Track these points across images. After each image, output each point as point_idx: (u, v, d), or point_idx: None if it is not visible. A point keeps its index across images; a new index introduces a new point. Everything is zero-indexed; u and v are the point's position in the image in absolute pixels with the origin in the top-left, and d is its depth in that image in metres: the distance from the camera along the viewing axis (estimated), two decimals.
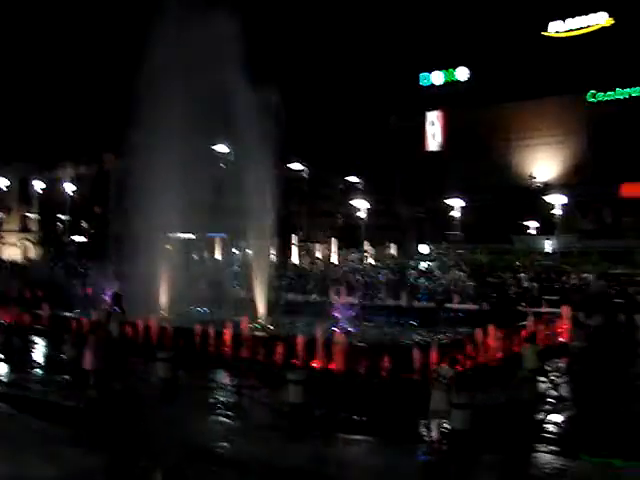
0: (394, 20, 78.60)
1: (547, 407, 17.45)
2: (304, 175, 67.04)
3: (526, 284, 39.01)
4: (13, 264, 59.62)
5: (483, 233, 63.31)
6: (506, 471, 13.22)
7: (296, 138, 57.98)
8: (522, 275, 41.14)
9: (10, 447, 13.53)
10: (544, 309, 29.80)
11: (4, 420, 16.41)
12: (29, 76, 76.61)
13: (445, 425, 14.33)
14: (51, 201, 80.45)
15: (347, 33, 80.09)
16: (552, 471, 13.16)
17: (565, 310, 27.21)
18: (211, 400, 18.18)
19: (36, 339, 27.65)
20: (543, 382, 19.31)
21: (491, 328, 22.20)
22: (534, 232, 66.58)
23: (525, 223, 67.13)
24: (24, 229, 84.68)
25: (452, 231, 68.30)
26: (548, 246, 60.53)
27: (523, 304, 33.46)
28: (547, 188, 65.86)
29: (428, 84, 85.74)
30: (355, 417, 16.38)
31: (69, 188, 75.11)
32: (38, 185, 79.36)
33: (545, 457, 13.93)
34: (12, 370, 22.50)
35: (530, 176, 73.78)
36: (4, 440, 14.09)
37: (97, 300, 32.22)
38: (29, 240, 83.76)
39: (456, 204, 67.48)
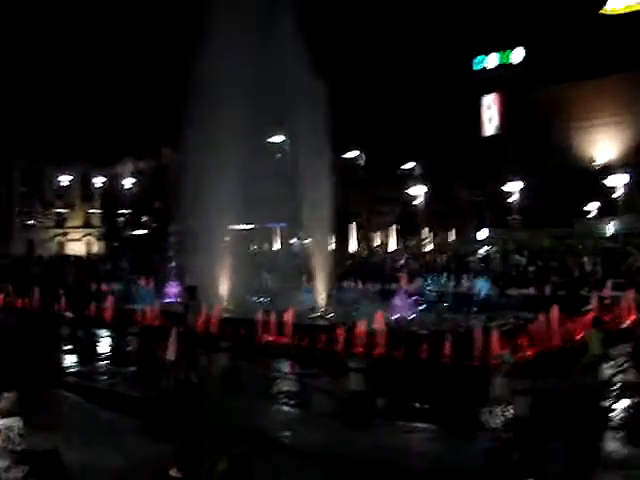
0: (449, 4, 77.62)
1: (613, 394, 17.16)
2: (360, 162, 66.90)
3: (589, 268, 38.36)
4: (78, 259, 60.95)
5: (543, 217, 62.46)
6: (571, 458, 13.06)
7: (351, 125, 57.90)
8: (585, 259, 40.47)
9: (79, 436, 13.85)
10: (608, 293, 29.21)
11: (73, 410, 16.79)
12: (89, 72, 77.89)
13: (508, 412, 14.23)
14: (112, 196, 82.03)
15: (401, 17, 79.40)
16: (619, 459, 12.97)
17: (630, 294, 26.68)
18: (273, 389, 18.36)
19: (101, 332, 28.24)
20: (608, 368, 18.97)
21: (553, 313, 21.93)
22: (595, 214, 65.47)
23: (586, 206, 66.02)
24: (87, 225, 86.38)
25: (511, 215, 67.55)
26: (611, 228, 59.45)
27: (586, 288, 32.91)
28: (608, 169, 64.60)
29: (482, 67, 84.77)
30: (417, 405, 16.37)
31: (129, 183, 76.39)
32: (99, 181, 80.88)
33: (611, 445, 13.71)
34: (79, 361, 23.05)
35: (590, 158, 72.44)
36: (73, 429, 14.43)
37: (160, 293, 32.83)
38: (92, 235, 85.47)
39: (515, 188, 66.68)
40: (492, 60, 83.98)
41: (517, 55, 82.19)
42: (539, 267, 39.38)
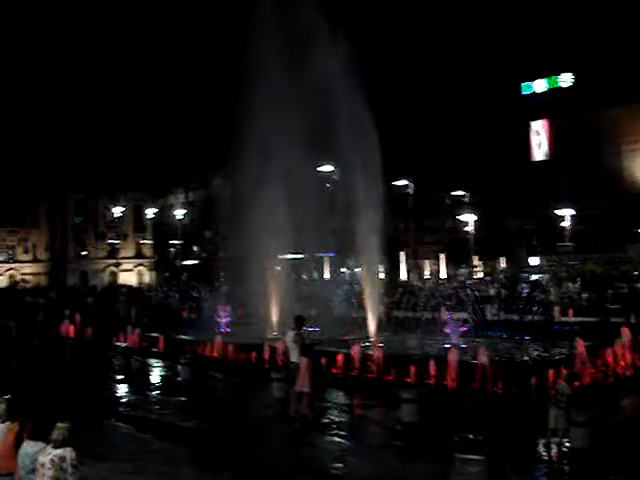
0: (496, 31, 77.63)
1: None
2: (410, 191, 66.66)
3: None
4: (130, 289, 61.63)
5: (595, 243, 61.45)
6: None
7: (401, 153, 57.92)
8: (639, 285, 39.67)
9: (130, 466, 13.90)
10: None
11: (125, 440, 16.85)
12: (144, 108, 79.62)
13: (565, 444, 13.91)
14: (164, 227, 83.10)
15: (451, 46, 79.70)
16: None
17: None
18: (325, 420, 18.22)
19: (153, 361, 28.42)
20: None
21: (611, 342, 21.43)
22: None
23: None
24: (139, 255, 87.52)
25: (562, 242, 66.55)
26: None
27: None
28: None
29: (530, 92, 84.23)
30: (470, 436, 16.07)
31: (180, 214, 77.31)
32: (151, 212, 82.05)
33: None
34: (132, 391, 23.20)
35: None
36: (124, 459, 14.48)
37: (211, 323, 32.96)
38: (144, 265, 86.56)
39: (566, 214, 65.76)
40: (540, 85, 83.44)
41: (565, 80, 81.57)
42: (593, 294, 38.68)
